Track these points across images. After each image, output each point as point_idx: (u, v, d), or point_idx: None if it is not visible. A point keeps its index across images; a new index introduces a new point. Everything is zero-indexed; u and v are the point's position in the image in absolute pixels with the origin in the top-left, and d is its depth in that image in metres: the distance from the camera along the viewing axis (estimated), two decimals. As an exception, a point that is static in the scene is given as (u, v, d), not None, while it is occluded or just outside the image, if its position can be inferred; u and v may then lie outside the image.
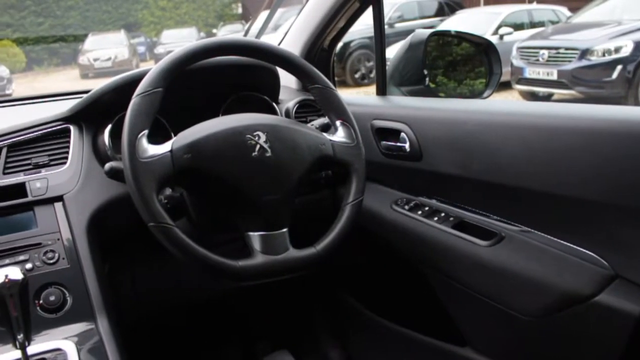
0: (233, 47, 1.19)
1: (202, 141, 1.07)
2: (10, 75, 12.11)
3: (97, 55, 14.58)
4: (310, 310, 2.06)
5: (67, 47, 17.51)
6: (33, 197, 1.23)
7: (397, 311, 1.72)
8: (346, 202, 1.20)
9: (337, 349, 1.97)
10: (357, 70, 10.00)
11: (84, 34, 16.91)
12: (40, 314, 1.11)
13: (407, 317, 1.68)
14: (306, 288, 1.99)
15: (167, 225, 1.02)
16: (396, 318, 1.72)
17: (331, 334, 2.01)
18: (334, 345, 1.99)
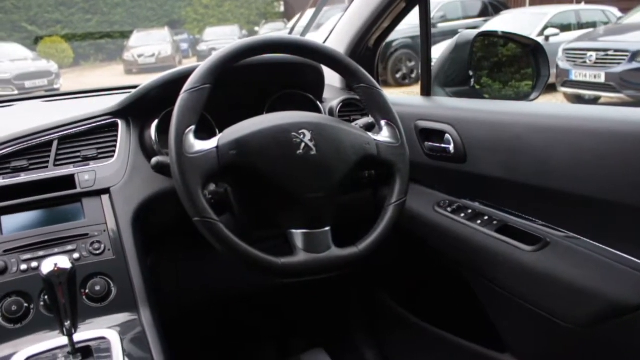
0: (280, 44, 1.20)
1: (247, 138, 1.08)
2: (58, 70, 12.45)
3: (142, 51, 14.86)
4: (347, 309, 2.06)
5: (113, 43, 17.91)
6: (81, 188, 1.26)
7: (435, 313, 1.71)
8: (389, 202, 1.19)
9: (373, 349, 1.97)
10: (398, 70, 9.94)
11: (129, 30, 17.27)
12: (86, 302, 1.14)
13: (445, 319, 1.66)
14: (343, 286, 1.99)
15: (211, 220, 1.03)
16: (434, 320, 1.71)
17: (367, 334, 2.01)
18: (369, 345, 1.98)
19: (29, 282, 1.13)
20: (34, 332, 1.09)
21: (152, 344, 1.09)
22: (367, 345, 1.99)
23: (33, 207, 1.23)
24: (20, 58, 12.45)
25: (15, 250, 1.15)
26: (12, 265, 1.14)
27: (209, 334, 1.89)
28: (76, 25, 18.41)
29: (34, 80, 11.68)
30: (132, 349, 1.07)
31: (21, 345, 1.06)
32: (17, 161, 1.26)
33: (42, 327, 1.10)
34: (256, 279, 1.65)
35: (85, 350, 1.04)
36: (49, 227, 1.20)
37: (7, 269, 1.13)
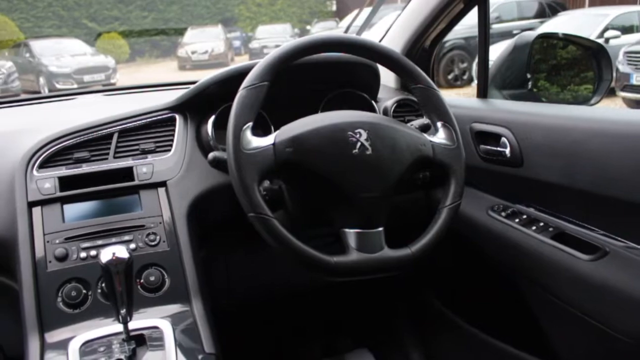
0: (338, 43, 1.20)
1: (304, 136, 1.09)
2: (115, 65, 12.80)
3: (195, 48, 15.13)
4: (394, 309, 2.05)
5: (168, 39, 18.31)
6: (139, 181, 1.29)
7: (485, 319, 1.68)
8: (443, 204, 1.18)
9: (418, 351, 1.95)
10: (450, 71, 9.81)
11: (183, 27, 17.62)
12: (140, 292, 1.17)
13: (495, 326, 1.63)
14: (392, 287, 1.98)
15: (266, 217, 1.04)
16: (482, 325, 1.68)
17: (414, 336, 1.99)
18: (415, 348, 1.96)
19: (88, 269, 1.17)
20: (91, 318, 1.13)
21: (203, 336, 1.11)
22: (412, 347, 1.97)
23: (93, 197, 1.26)
24: (80, 53, 12.87)
25: (76, 238, 1.19)
26: (73, 252, 1.18)
27: (256, 329, 1.91)
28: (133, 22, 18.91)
29: (92, 74, 12.07)
30: (184, 340, 1.09)
31: (79, 330, 1.10)
32: (79, 152, 1.31)
33: (98, 313, 1.14)
34: (304, 277, 1.66)
35: (138, 338, 1.07)
36: (107, 217, 1.24)
37: (68, 256, 1.17)
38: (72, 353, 1.04)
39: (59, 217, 1.22)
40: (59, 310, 1.12)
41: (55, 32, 17.43)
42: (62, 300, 1.13)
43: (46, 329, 1.10)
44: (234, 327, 1.66)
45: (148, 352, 1.05)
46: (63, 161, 1.29)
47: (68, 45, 13.64)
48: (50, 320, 1.11)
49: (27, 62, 12.39)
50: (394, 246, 1.13)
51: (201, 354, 1.08)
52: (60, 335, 1.10)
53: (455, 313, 1.79)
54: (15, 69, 11.26)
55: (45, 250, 1.17)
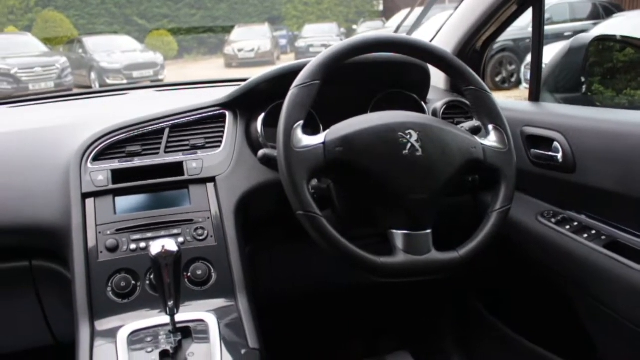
0: (391, 43, 1.19)
1: (354, 135, 1.09)
2: (163, 62, 13.06)
3: (242, 46, 15.30)
4: (437, 312, 2.03)
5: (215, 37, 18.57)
6: (189, 176, 1.31)
7: (530, 326, 1.65)
8: (493, 209, 1.16)
9: (460, 356, 1.93)
10: (498, 73, 9.63)
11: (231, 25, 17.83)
12: (187, 285, 1.18)
13: (540, 334, 1.60)
14: (435, 290, 1.96)
15: (314, 215, 1.05)
16: (528, 333, 1.64)
17: (455, 340, 1.97)
18: (457, 352, 1.94)
19: (137, 261, 1.19)
20: (138, 308, 1.15)
21: (248, 331, 1.12)
22: (454, 351, 1.95)
23: (144, 190, 1.29)
24: (130, 49, 13.17)
25: (127, 230, 1.22)
26: (123, 244, 1.20)
27: (298, 326, 1.92)
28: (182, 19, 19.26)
29: (141, 70, 12.33)
30: (228, 334, 1.10)
31: (127, 320, 1.12)
32: (131, 146, 1.33)
33: (146, 304, 1.16)
34: (348, 276, 1.65)
35: (184, 330, 1.08)
36: (157, 211, 1.26)
37: (118, 247, 1.20)
38: (121, 342, 1.06)
39: (110, 209, 1.25)
40: (108, 300, 1.15)
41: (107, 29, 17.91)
42: (111, 290, 1.16)
43: (96, 317, 1.13)
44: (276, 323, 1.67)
45: (193, 344, 1.07)
46: (116, 154, 1.32)
47: (119, 41, 13.98)
48: (100, 308, 1.14)
49: (80, 58, 12.76)
50: (439, 248, 1.12)
51: (245, 349, 1.09)
52: (109, 323, 1.12)
53: (499, 319, 1.76)
54: (69, 65, 11.62)
55: (97, 241, 1.20)
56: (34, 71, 11.09)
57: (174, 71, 14.11)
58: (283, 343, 1.77)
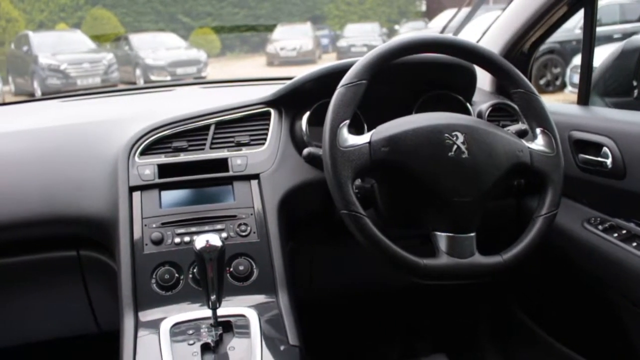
0: (439, 44, 1.18)
1: (400, 136, 1.08)
2: (206, 60, 13.24)
3: (284, 44, 15.39)
4: (476, 316, 2.00)
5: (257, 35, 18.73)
6: (233, 172, 1.33)
7: (572, 334, 1.61)
8: (539, 213, 1.14)
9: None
10: (542, 76, 9.44)
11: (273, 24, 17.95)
12: (229, 280, 1.20)
13: (582, 343, 1.56)
14: (474, 293, 1.94)
15: (358, 214, 1.05)
16: (570, 341, 1.61)
17: (494, 345, 1.94)
18: (495, 357, 1.91)
19: (181, 254, 1.21)
20: (181, 301, 1.17)
21: (288, 327, 1.13)
22: (491, 357, 1.92)
23: (189, 185, 1.31)
24: (174, 47, 13.42)
25: (171, 224, 1.25)
26: (168, 237, 1.23)
27: (336, 325, 1.92)
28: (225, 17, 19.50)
29: (185, 67, 12.55)
30: (269, 330, 1.11)
31: (170, 312, 1.14)
32: (177, 142, 1.36)
33: (188, 297, 1.18)
34: (387, 276, 1.65)
35: (225, 324, 1.10)
36: (201, 206, 1.28)
37: (163, 241, 1.22)
38: (164, 333, 1.08)
39: (156, 203, 1.27)
40: (152, 292, 1.18)
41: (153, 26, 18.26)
42: (155, 282, 1.18)
43: (140, 308, 1.16)
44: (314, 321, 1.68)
45: (234, 338, 1.08)
46: (162, 149, 1.35)
47: (164, 39, 14.26)
48: (144, 300, 1.17)
49: (126, 55, 13.05)
50: (481, 252, 1.11)
51: (285, 345, 1.09)
52: (152, 315, 1.15)
53: (539, 325, 1.73)
54: (115, 61, 11.89)
55: (143, 234, 1.23)
56: (82, 67, 11.41)
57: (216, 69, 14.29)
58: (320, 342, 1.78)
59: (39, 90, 11.07)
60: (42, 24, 17.26)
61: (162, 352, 1.05)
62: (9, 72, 12.29)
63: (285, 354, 1.08)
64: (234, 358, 1.04)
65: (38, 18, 17.45)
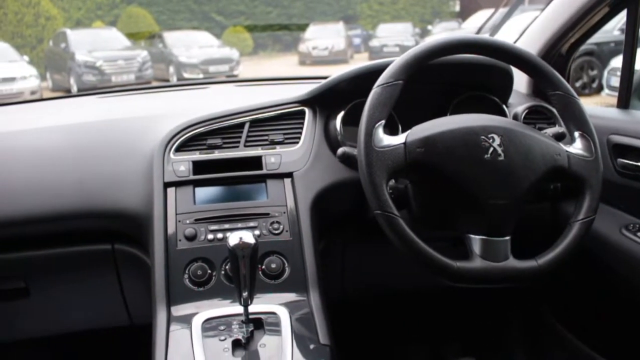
0: (477, 44, 1.17)
1: (436, 137, 1.08)
2: (239, 58, 13.34)
3: (316, 44, 15.41)
4: (506, 320, 1.98)
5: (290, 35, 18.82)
6: (267, 170, 1.33)
7: (607, 342, 1.58)
8: (575, 218, 1.12)
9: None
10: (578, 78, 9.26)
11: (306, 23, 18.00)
12: (261, 278, 1.20)
13: (617, 353, 1.53)
14: (505, 298, 1.91)
15: (392, 215, 1.04)
16: (603, 351, 1.58)
17: (524, 351, 1.92)
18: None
19: (214, 251, 1.22)
20: (213, 297, 1.18)
21: (319, 326, 1.13)
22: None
23: (222, 182, 1.32)
24: (207, 45, 13.57)
25: (205, 220, 1.26)
26: (201, 233, 1.24)
27: (365, 325, 1.92)
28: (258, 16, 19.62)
29: (217, 65, 12.67)
30: (299, 328, 1.11)
31: (202, 307, 1.15)
32: (212, 139, 1.37)
33: (220, 293, 1.19)
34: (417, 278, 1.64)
35: (256, 321, 1.10)
36: (235, 203, 1.29)
37: (196, 237, 1.23)
38: (195, 328, 1.09)
39: (190, 199, 1.28)
40: (185, 287, 1.19)
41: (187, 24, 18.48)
42: (188, 277, 1.19)
43: (173, 303, 1.17)
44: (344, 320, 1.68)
45: (265, 336, 1.08)
46: (197, 146, 1.36)
47: (197, 37, 14.41)
48: (176, 295, 1.18)
49: (160, 52, 13.23)
50: (514, 256, 1.09)
51: (315, 344, 1.09)
52: (185, 310, 1.16)
53: (572, 332, 1.70)
54: (149, 58, 12.07)
55: (177, 229, 1.24)
56: (117, 64, 11.61)
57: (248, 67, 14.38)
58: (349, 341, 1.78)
59: (75, 86, 11.31)
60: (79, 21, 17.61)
61: (194, 347, 1.06)
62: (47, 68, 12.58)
63: (316, 353, 1.08)
64: (264, 355, 1.05)
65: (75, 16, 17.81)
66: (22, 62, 10.84)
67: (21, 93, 9.66)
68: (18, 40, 14.16)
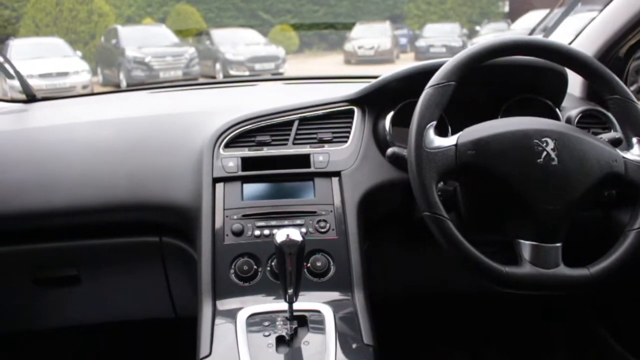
0: (532, 46, 1.15)
1: (488, 139, 1.06)
2: (284, 56, 13.41)
3: (362, 43, 15.34)
4: (549, 330, 1.93)
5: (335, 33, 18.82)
6: (315, 168, 1.34)
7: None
8: (631, 227, 1.09)
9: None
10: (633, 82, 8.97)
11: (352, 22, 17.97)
12: (306, 275, 1.21)
13: None
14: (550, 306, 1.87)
15: (442, 217, 1.03)
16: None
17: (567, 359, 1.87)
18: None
19: (260, 247, 1.23)
20: (258, 293, 1.19)
21: (363, 326, 1.13)
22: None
23: (270, 179, 1.33)
24: (253, 43, 13.69)
25: (252, 216, 1.27)
26: (248, 229, 1.25)
27: (406, 326, 1.91)
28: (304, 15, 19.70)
29: (263, 63, 12.77)
30: (343, 327, 1.11)
31: (247, 302, 1.17)
32: (261, 136, 1.38)
33: (265, 289, 1.20)
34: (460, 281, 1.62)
35: (300, 319, 1.11)
36: (282, 200, 1.30)
37: (243, 232, 1.25)
38: (240, 323, 1.11)
39: (238, 195, 1.30)
40: (231, 282, 1.20)
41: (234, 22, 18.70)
42: (234, 272, 1.21)
43: (218, 297, 1.18)
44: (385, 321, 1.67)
45: (309, 333, 1.09)
46: (246, 143, 1.37)
47: (244, 34, 14.55)
48: (222, 289, 1.19)
49: (207, 49, 13.41)
50: (565, 263, 1.07)
51: (359, 344, 1.09)
52: (230, 304, 1.17)
53: (627, 349, 1.64)
54: (197, 55, 12.25)
55: (224, 224, 1.26)
56: (165, 60, 11.83)
57: (294, 65, 14.42)
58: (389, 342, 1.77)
59: (124, 81, 11.58)
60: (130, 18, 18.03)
61: (238, 341, 1.07)
62: (98, 63, 12.90)
63: (359, 353, 1.08)
64: (307, 352, 1.05)
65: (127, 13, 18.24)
66: (75, 57, 11.18)
67: (73, 87, 9.96)
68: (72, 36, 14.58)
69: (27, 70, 1.47)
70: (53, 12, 15.04)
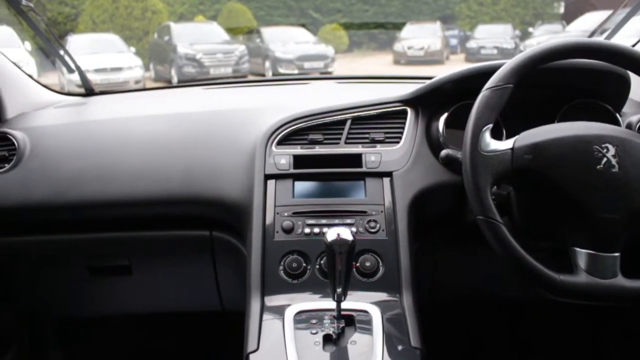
0: (594, 49, 1.12)
1: (545, 144, 1.04)
2: (334, 55, 13.41)
3: (412, 43, 15.18)
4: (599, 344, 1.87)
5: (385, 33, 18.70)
6: (367, 168, 1.34)
7: None
8: None
9: None
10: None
11: (402, 22, 17.82)
12: (355, 275, 1.21)
13: None
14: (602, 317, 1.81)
15: (496, 222, 1.02)
16: None
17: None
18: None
19: (310, 245, 1.24)
20: (306, 290, 1.20)
21: (411, 328, 1.12)
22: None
23: (322, 178, 1.34)
24: (303, 41, 13.72)
25: (303, 214, 1.28)
26: (298, 227, 1.26)
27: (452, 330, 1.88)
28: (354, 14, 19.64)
29: (312, 62, 12.80)
30: (390, 328, 1.11)
31: (295, 299, 1.18)
32: (314, 134, 1.39)
33: (313, 287, 1.20)
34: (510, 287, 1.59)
35: (348, 318, 1.11)
36: (333, 199, 1.30)
37: (293, 230, 1.26)
38: (288, 319, 1.12)
39: (289, 192, 1.31)
40: (279, 278, 1.21)
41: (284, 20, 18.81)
42: (283, 269, 1.22)
43: (267, 293, 1.20)
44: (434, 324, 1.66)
45: (356, 333, 1.09)
46: (299, 141, 1.38)
47: (294, 33, 14.62)
48: (271, 285, 1.21)
49: (257, 47, 13.53)
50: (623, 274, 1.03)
51: (405, 346, 1.09)
52: (278, 300, 1.18)
53: None
54: (247, 52, 12.39)
55: (275, 221, 1.27)
56: (216, 57, 12.00)
57: (343, 64, 14.40)
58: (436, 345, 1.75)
59: (176, 77, 11.80)
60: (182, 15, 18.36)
61: (286, 338, 1.08)
62: (151, 59, 13.19)
63: (406, 355, 1.07)
64: (354, 352, 1.05)
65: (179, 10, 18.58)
66: (129, 53, 11.46)
67: (126, 82, 10.21)
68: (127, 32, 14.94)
69: (84, 65, 1.53)
70: (109, 9, 15.46)
